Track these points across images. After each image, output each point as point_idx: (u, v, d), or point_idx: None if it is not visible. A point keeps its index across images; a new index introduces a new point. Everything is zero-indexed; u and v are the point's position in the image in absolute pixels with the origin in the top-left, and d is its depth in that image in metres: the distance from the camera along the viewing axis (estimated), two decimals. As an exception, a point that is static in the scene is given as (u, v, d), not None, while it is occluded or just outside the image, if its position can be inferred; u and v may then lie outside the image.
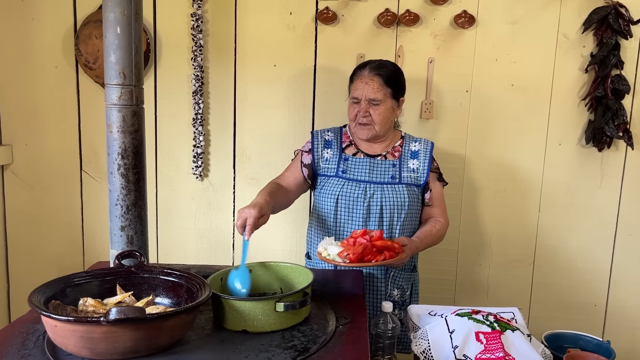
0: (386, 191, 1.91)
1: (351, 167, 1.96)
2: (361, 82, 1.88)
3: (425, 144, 1.99)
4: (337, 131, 2.04)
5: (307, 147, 2.01)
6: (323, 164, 1.98)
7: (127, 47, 1.54)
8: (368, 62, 1.92)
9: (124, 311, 1.11)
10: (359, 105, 1.89)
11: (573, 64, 2.30)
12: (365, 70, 1.89)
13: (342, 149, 1.99)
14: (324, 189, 1.95)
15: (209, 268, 1.79)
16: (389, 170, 1.95)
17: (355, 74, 1.92)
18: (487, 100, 2.34)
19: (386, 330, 1.60)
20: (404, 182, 1.94)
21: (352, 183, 1.92)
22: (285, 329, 1.36)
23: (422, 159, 1.97)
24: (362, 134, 1.93)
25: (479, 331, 1.50)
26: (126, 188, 1.59)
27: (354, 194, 1.91)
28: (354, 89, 1.90)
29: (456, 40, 2.32)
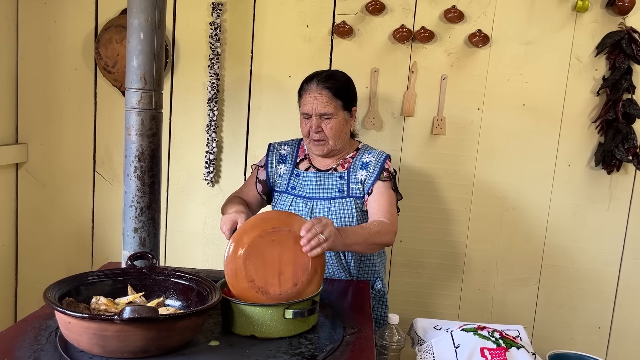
0: (333, 206, 1.83)
1: (300, 183, 1.90)
2: (309, 96, 1.80)
3: (379, 155, 1.87)
4: (295, 145, 1.98)
5: (262, 161, 1.97)
6: (277, 179, 1.94)
7: (149, 53, 1.58)
8: (315, 75, 1.84)
9: (137, 310, 1.13)
10: (310, 121, 1.81)
11: (585, 86, 2.32)
12: (313, 84, 1.81)
13: (295, 163, 1.94)
14: (276, 205, 1.92)
15: (217, 273, 1.82)
16: (336, 184, 1.87)
17: (303, 89, 1.84)
18: (498, 118, 2.36)
19: (391, 342, 1.61)
20: (352, 195, 1.85)
21: (299, 200, 1.87)
22: (292, 336, 1.38)
23: (372, 169, 1.85)
24: (317, 151, 1.86)
25: (484, 347, 1.51)
26: (141, 190, 1.62)
27: (300, 211, 1.85)
28: (303, 104, 1.82)
29: (470, 59, 2.34)
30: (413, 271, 2.47)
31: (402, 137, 2.40)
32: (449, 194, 2.42)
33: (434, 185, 2.40)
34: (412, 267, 2.46)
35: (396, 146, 2.41)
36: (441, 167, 2.41)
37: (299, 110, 1.87)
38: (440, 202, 2.42)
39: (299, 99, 1.87)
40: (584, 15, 2.27)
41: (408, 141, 2.40)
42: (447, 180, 2.41)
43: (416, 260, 2.46)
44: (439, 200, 2.41)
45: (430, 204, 2.41)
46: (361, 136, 2.41)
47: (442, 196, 2.42)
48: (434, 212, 2.40)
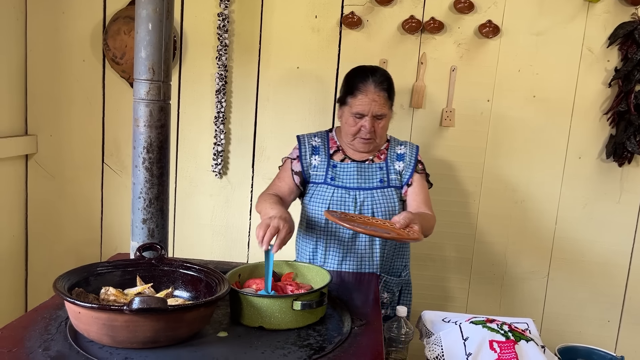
0: (376, 196, 1.87)
1: (340, 174, 1.90)
2: (367, 97, 1.79)
3: (410, 147, 1.96)
4: (324, 136, 1.99)
5: (294, 153, 1.96)
6: (312, 170, 1.93)
7: (157, 44, 1.57)
8: (369, 73, 1.82)
9: (146, 301, 1.13)
10: (362, 120, 1.82)
11: (596, 77, 2.30)
12: (371, 85, 1.80)
13: (329, 155, 1.94)
14: (314, 196, 1.90)
15: (225, 264, 1.82)
16: (377, 174, 1.91)
17: (357, 88, 1.81)
18: (508, 110, 2.34)
19: (399, 334, 1.60)
20: (392, 185, 1.90)
21: (341, 190, 1.88)
22: (301, 328, 1.37)
23: (408, 160, 1.93)
24: (362, 148, 1.89)
25: (493, 340, 1.50)
26: (150, 182, 1.62)
27: (344, 201, 1.87)
28: (358, 104, 1.80)
29: (479, 50, 2.32)
30: (421, 263, 2.46)
31: (411, 129, 2.39)
32: (457, 186, 2.41)
33: (443, 178, 2.39)
34: (420, 260, 2.45)
35: (405, 138, 2.38)
36: (450, 159, 2.39)
37: (341, 105, 1.86)
38: (449, 194, 2.40)
39: (347, 95, 1.83)
40: (595, 6, 2.24)
41: (417, 133, 2.38)
42: (456, 172, 2.40)
43: (424, 253, 2.45)
44: (448, 192, 2.40)
45: (439, 197, 2.39)
46: (369, 128, 2.40)
47: (450, 188, 2.40)
48: (443, 205, 2.38)
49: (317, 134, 2.00)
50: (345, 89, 1.86)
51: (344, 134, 1.90)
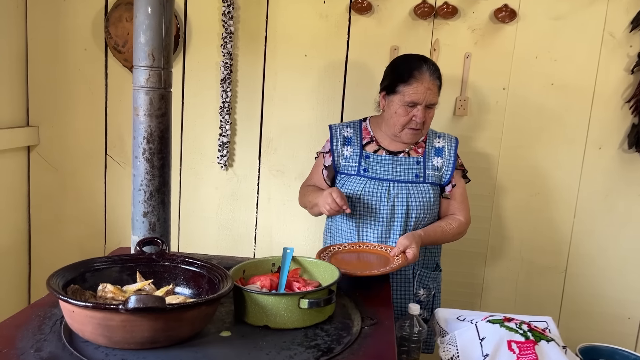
0: (411, 190, 1.82)
1: (373, 165, 1.85)
2: (422, 85, 1.73)
3: (449, 140, 1.90)
4: (357, 126, 1.93)
5: (326, 146, 1.93)
6: (343, 162, 1.89)
7: (157, 28, 1.49)
8: (423, 61, 1.77)
9: (143, 300, 1.07)
10: (414, 110, 1.76)
11: (618, 64, 2.19)
12: (426, 73, 1.74)
13: (362, 145, 1.89)
14: (344, 188, 1.86)
15: (230, 259, 1.75)
16: (412, 168, 1.85)
17: (413, 76, 1.74)
18: (524, 99, 2.25)
19: (412, 333, 1.53)
20: (429, 182, 1.85)
21: (374, 182, 1.83)
22: (308, 327, 1.31)
23: (447, 156, 1.87)
24: (411, 139, 1.83)
25: (511, 340, 1.42)
26: (150, 173, 1.55)
27: (376, 193, 1.82)
28: (413, 92, 1.74)
29: (495, 35, 2.22)
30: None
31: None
32: (472, 177, 2.32)
33: (456, 169, 2.30)
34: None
35: (416, 128, 2.30)
36: (464, 149, 2.29)
37: (389, 93, 1.79)
38: (462, 186, 2.31)
39: (399, 83, 1.76)
40: (618, -12, 2.14)
41: (429, 123, 2.30)
42: (469, 163, 2.30)
43: (437, 247, 2.37)
44: (461, 184, 2.31)
45: (452, 189, 2.31)
46: (380, 118, 2.32)
47: (464, 180, 2.31)
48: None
49: (350, 123, 1.94)
50: (396, 76, 1.78)
51: (391, 125, 1.82)
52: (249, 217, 2.46)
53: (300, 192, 1.98)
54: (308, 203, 1.90)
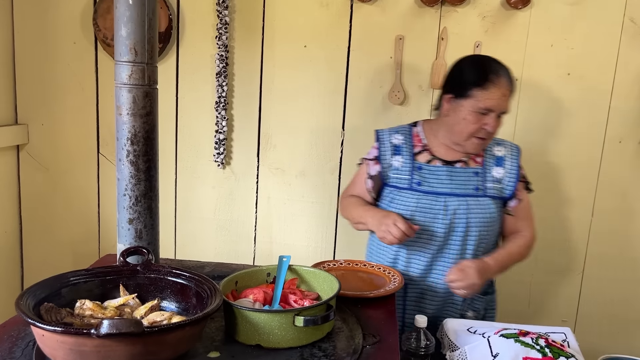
0: (470, 205, 1.66)
1: (427, 177, 1.68)
2: (499, 91, 1.57)
3: (510, 148, 1.75)
4: (407, 132, 1.76)
5: (372, 153, 1.76)
6: (392, 173, 1.72)
7: (139, 20, 1.37)
8: (499, 67, 1.61)
9: (116, 325, 0.96)
10: (486, 117, 1.59)
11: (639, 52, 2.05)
12: (504, 79, 1.59)
13: (413, 155, 1.72)
14: (394, 202, 1.70)
15: (225, 267, 1.65)
16: (471, 180, 1.68)
17: (491, 80, 1.57)
18: (539, 90, 2.12)
19: (419, 347, 1.41)
20: (489, 195, 1.68)
21: (429, 196, 1.67)
22: (304, 346, 1.20)
23: (509, 166, 1.71)
24: (475, 149, 1.67)
25: (527, 357, 1.31)
26: (135, 177, 1.44)
27: (432, 210, 1.66)
28: (488, 98, 1.57)
29: (507, 23, 2.09)
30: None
31: (430, 111, 2.17)
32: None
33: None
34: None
35: (423, 122, 2.18)
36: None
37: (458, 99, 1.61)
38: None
39: (474, 87, 1.58)
40: (640, -30, 1.99)
41: (437, 117, 2.17)
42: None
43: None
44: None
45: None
46: (384, 112, 2.20)
47: (474, 177, 2.19)
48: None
49: (400, 129, 1.77)
50: (470, 79, 1.60)
51: (456, 132, 1.65)
52: (248, 217, 2.35)
53: (343, 202, 1.83)
54: (352, 218, 1.76)
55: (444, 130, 1.70)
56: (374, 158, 1.75)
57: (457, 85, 1.64)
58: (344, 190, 1.88)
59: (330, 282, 1.36)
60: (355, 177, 1.84)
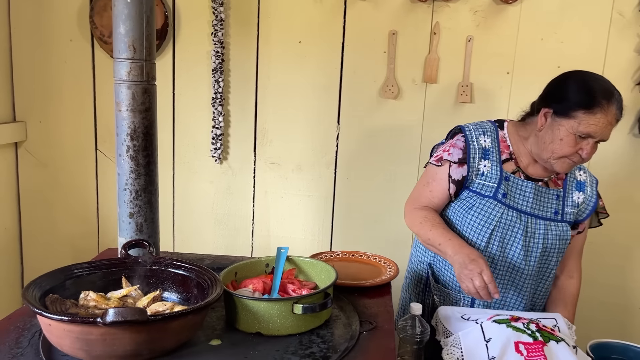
0: (549, 229, 1.56)
1: (513, 191, 1.55)
2: (606, 118, 1.43)
3: (590, 175, 1.67)
4: (493, 135, 1.59)
5: (456, 153, 1.57)
6: (478, 178, 1.57)
7: (137, 18, 1.40)
8: (614, 94, 1.46)
9: (122, 313, 1.00)
10: (584, 143, 1.46)
11: (628, 44, 2.09)
12: (614, 105, 1.44)
13: (501, 162, 1.57)
14: (474, 210, 1.56)
15: (224, 259, 1.69)
16: (552, 203, 1.59)
17: (601, 105, 1.42)
18: (530, 83, 2.13)
19: (414, 334, 1.45)
20: (566, 220, 1.60)
21: (512, 213, 1.54)
22: (303, 333, 1.24)
23: (589, 193, 1.63)
24: (564, 170, 1.53)
25: (518, 341, 1.35)
26: (135, 172, 1.47)
27: (513, 228, 1.54)
28: (593, 123, 1.43)
29: (498, 17, 2.12)
30: (436, 250, 2.30)
31: (424, 106, 2.20)
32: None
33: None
34: (435, 246, 2.30)
35: (417, 116, 2.21)
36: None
37: (558, 118, 1.48)
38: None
39: (580, 108, 1.44)
40: (628, -37, 2.03)
41: (430, 110, 2.20)
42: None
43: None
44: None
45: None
46: (378, 106, 2.23)
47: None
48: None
49: (485, 129, 1.60)
50: (577, 98, 1.46)
51: (547, 150, 1.51)
52: (245, 211, 2.38)
53: (415, 214, 1.61)
54: (427, 239, 1.56)
55: (534, 143, 1.56)
56: (458, 160, 1.57)
57: (561, 101, 1.50)
58: (413, 196, 1.67)
59: (327, 271, 1.40)
60: (428, 180, 1.62)
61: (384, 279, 1.55)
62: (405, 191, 2.24)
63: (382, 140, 2.25)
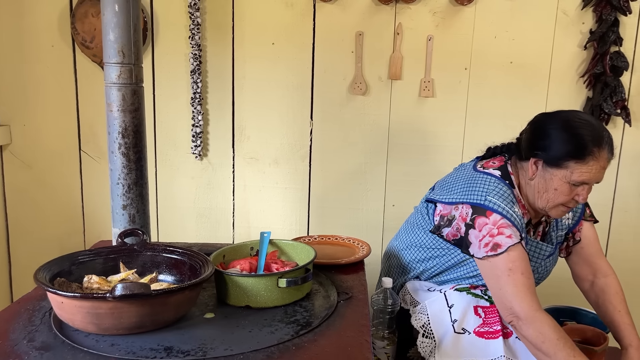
0: (547, 265, 1.64)
1: (531, 255, 1.57)
2: (598, 164, 1.41)
3: None
4: (514, 198, 1.50)
5: (516, 235, 1.43)
6: None
7: (125, 25, 1.53)
8: (603, 138, 1.42)
9: (129, 287, 1.13)
10: (580, 189, 1.45)
11: (572, 40, 2.29)
12: (605, 150, 1.41)
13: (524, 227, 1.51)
14: None
15: (210, 246, 1.81)
16: (552, 238, 1.64)
17: (592, 154, 1.40)
18: (485, 77, 2.34)
19: (386, 305, 1.62)
20: (559, 242, 1.66)
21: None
22: (287, 305, 1.39)
23: (576, 208, 1.66)
24: (560, 215, 1.54)
25: (477, 305, 1.53)
26: (127, 167, 1.60)
27: None
28: (586, 172, 1.41)
29: (455, 18, 2.30)
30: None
31: (390, 100, 2.37)
32: (439, 156, 2.41)
33: (424, 149, 2.39)
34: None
35: (384, 110, 2.38)
36: (430, 129, 2.39)
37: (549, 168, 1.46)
38: (430, 165, 2.41)
39: (571, 158, 1.42)
40: (569, -33, 2.23)
41: (396, 104, 2.37)
42: (437, 142, 2.40)
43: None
44: (429, 163, 2.40)
45: (421, 168, 2.40)
46: (347, 102, 2.39)
47: (432, 159, 2.41)
48: (425, 176, 2.38)
49: (507, 195, 1.48)
50: (565, 149, 1.43)
51: (544, 200, 1.49)
52: (226, 205, 2.52)
53: (542, 323, 1.38)
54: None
55: (527, 190, 1.54)
56: (520, 239, 1.44)
57: (549, 152, 1.46)
58: (518, 292, 1.41)
59: (307, 251, 1.56)
60: (522, 267, 1.42)
61: (357, 257, 1.71)
62: (375, 182, 2.43)
63: (352, 133, 2.41)
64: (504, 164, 1.58)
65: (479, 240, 1.46)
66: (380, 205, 2.45)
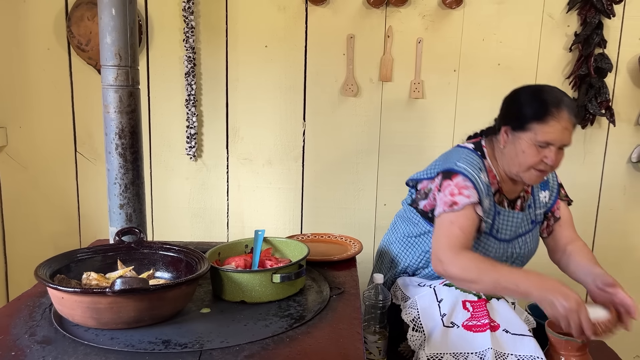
0: (528, 240, 1.69)
1: (504, 225, 1.63)
2: (559, 124, 1.50)
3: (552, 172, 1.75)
4: (483, 167, 1.62)
5: (473, 196, 1.53)
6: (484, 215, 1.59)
7: (122, 29, 1.57)
8: (563, 99, 1.53)
9: (128, 282, 1.17)
10: (546, 150, 1.53)
11: (558, 43, 2.36)
12: (565, 112, 1.50)
13: (493, 195, 1.61)
14: (479, 249, 1.62)
15: (206, 244, 1.85)
16: (529, 214, 1.70)
17: (551, 114, 1.50)
18: (474, 79, 2.39)
19: (377, 300, 1.66)
20: (538, 220, 1.72)
21: (502, 244, 1.64)
22: (281, 299, 1.43)
23: (551, 187, 1.75)
24: (534, 181, 1.60)
25: (465, 300, 1.58)
26: (124, 167, 1.63)
27: (503, 257, 1.66)
28: (548, 132, 1.50)
29: (444, 21, 2.36)
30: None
31: (381, 102, 2.42)
32: (429, 156, 2.45)
33: (414, 149, 2.44)
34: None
35: (375, 111, 2.43)
36: (421, 130, 2.44)
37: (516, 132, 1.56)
38: (420, 164, 2.44)
39: (532, 120, 1.52)
40: (554, -29, 2.30)
41: (387, 106, 2.42)
42: (427, 143, 2.45)
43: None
44: (419, 163, 2.44)
45: (411, 167, 2.43)
46: (339, 104, 2.44)
47: (422, 159, 2.45)
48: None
49: (476, 163, 1.60)
50: (528, 112, 1.54)
51: (515, 164, 1.58)
52: (220, 205, 2.56)
53: (464, 260, 1.47)
54: (493, 281, 1.45)
55: (504, 161, 1.64)
56: (477, 201, 1.54)
57: (515, 118, 1.58)
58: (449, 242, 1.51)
59: (300, 248, 1.60)
60: (460, 223, 1.52)
61: (349, 254, 1.76)
62: (367, 181, 2.48)
63: (344, 134, 2.46)
64: (478, 141, 1.73)
65: (442, 201, 1.57)
66: (372, 204, 2.50)
